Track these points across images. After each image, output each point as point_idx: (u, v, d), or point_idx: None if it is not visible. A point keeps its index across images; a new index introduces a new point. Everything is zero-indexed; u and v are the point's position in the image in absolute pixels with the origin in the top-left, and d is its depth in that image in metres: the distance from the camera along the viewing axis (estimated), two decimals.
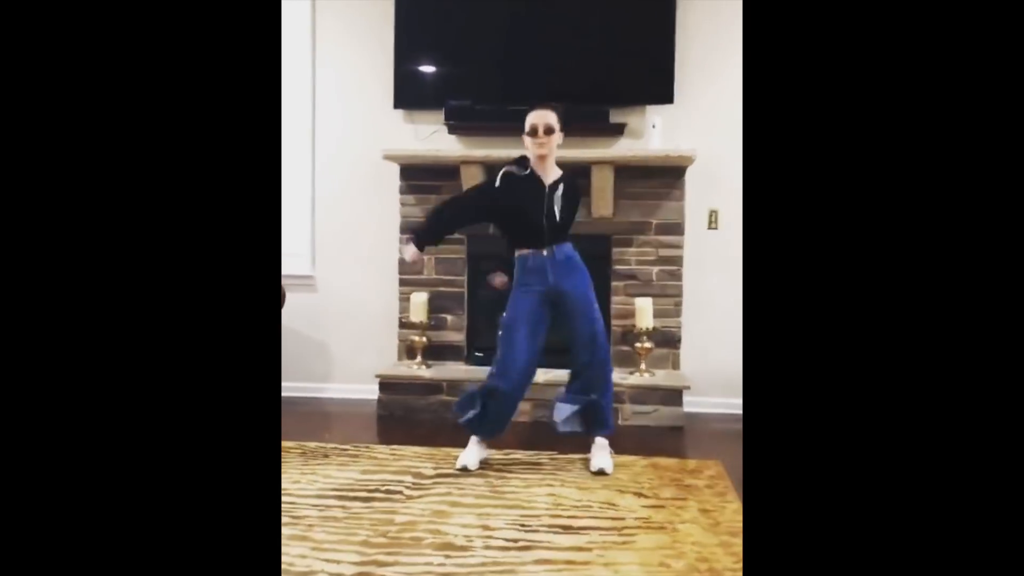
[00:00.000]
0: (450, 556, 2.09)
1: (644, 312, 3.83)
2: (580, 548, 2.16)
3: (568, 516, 2.42)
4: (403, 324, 4.11)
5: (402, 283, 4.15)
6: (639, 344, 3.85)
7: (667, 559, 2.09)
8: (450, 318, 4.14)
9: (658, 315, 3.88)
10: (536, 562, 2.06)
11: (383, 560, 2.06)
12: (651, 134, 3.93)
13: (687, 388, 3.77)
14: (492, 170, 3.15)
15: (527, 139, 2.88)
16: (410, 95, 4.14)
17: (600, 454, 2.93)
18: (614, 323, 3.97)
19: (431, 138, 4.17)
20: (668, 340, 3.97)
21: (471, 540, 2.21)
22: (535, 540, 2.22)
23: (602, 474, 2.84)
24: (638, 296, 3.92)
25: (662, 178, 3.96)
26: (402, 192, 4.14)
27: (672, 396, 3.74)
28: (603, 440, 2.98)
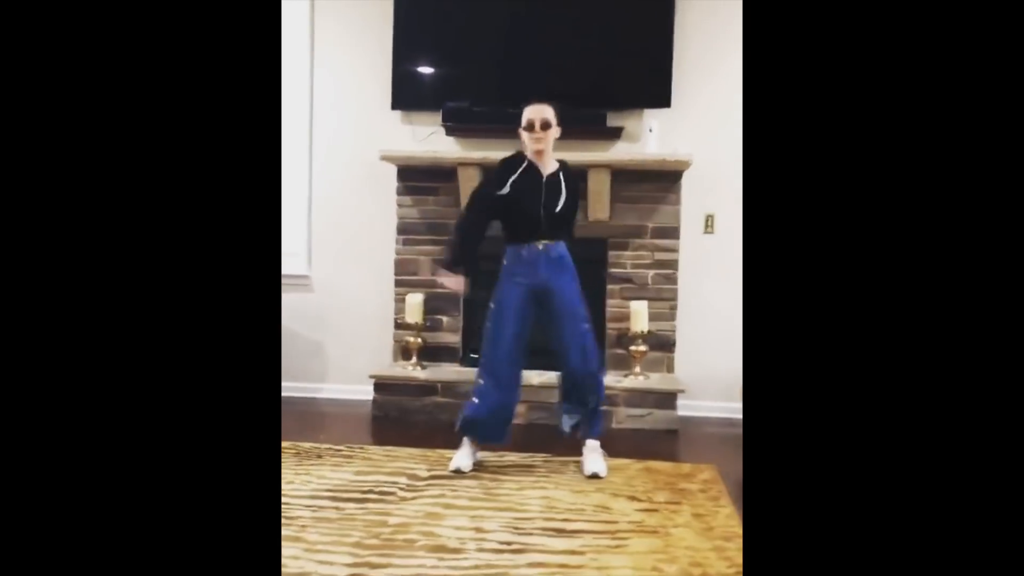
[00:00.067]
0: (443, 558, 2.10)
1: (639, 315, 3.84)
2: (573, 551, 2.16)
3: (561, 519, 2.42)
4: (399, 325, 4.11)
5: (398, 284, 4.15)
6: (634, 347, 3.86)
7: (660, 563, 2.09)
8: (445, 319, 4.14)
9: (653, 319, 3.88)
10: (529, 565, 2.07)
11: (376, 562, 2.06)
12: (648, 138, 3.93)
13: (682, 392, 3.78)
14: (489, 172, 3.14)
15: (524, 134, 2.87)
16: (408, 96, 4.14)
17: (593, 457, 2.93)
18: (609, 326, 3.98)
19: (429, 139, 4.17)
20: (663, 344, 3.97)
21: (464, 542, 2.21)
22: (528, 543, 2.22)
23: (596, 478, 2.84)
24: (633, 299, 3.92)
25: (658, 182, 3.96)
26: (399, 193, 4.14)
27: (666, 400, 3.75)
28: (594, 443, 2.98)
